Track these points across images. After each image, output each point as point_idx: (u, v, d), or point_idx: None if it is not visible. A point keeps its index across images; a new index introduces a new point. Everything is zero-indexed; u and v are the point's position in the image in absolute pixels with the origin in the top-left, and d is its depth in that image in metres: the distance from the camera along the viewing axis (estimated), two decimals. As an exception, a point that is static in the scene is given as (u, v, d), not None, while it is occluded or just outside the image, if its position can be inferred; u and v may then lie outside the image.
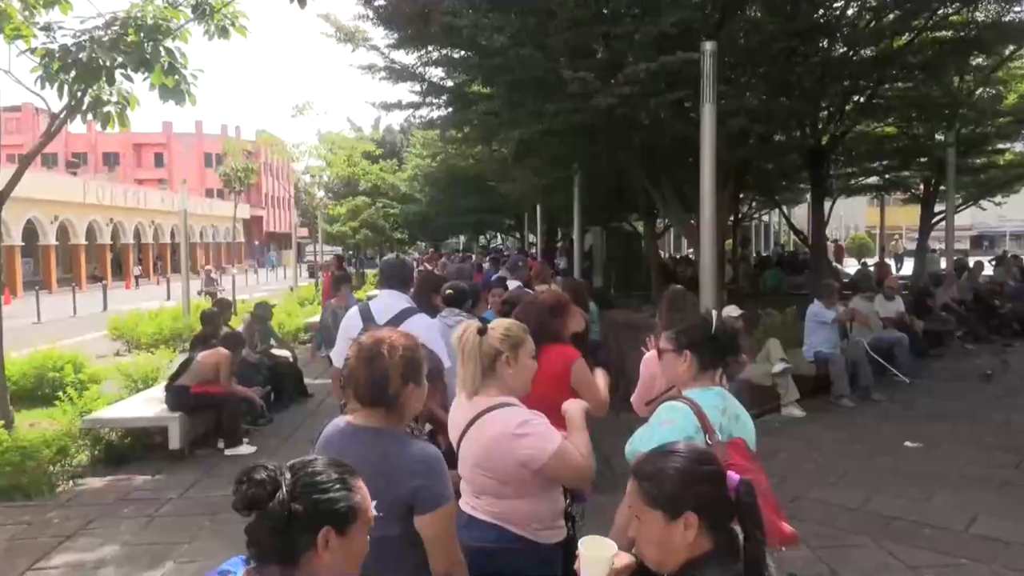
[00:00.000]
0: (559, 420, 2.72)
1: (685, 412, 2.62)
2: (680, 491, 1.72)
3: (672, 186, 11.49)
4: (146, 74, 6.29)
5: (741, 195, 21.41)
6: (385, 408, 2.23)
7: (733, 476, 1.78)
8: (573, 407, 2.73)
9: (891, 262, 26.73)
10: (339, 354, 4.29)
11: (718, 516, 1.75)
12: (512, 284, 7.38)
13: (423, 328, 3.99)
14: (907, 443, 7.07)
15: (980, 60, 13.89)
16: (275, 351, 10.24)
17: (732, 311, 8.32)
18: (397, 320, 4.09)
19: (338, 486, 1.61)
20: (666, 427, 2.58)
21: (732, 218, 26.96)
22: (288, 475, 1.59)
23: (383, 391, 2.21)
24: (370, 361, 2.22)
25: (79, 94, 6.47)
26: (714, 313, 2.97)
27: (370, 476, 1.75)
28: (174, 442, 7.24)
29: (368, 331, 2.49)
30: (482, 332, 2.68)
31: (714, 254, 7.47)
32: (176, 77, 6.33)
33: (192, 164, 68.64)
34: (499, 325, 2.77)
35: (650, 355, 3.90)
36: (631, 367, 9.10)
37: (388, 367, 2.21)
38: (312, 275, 36.72)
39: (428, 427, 3.33)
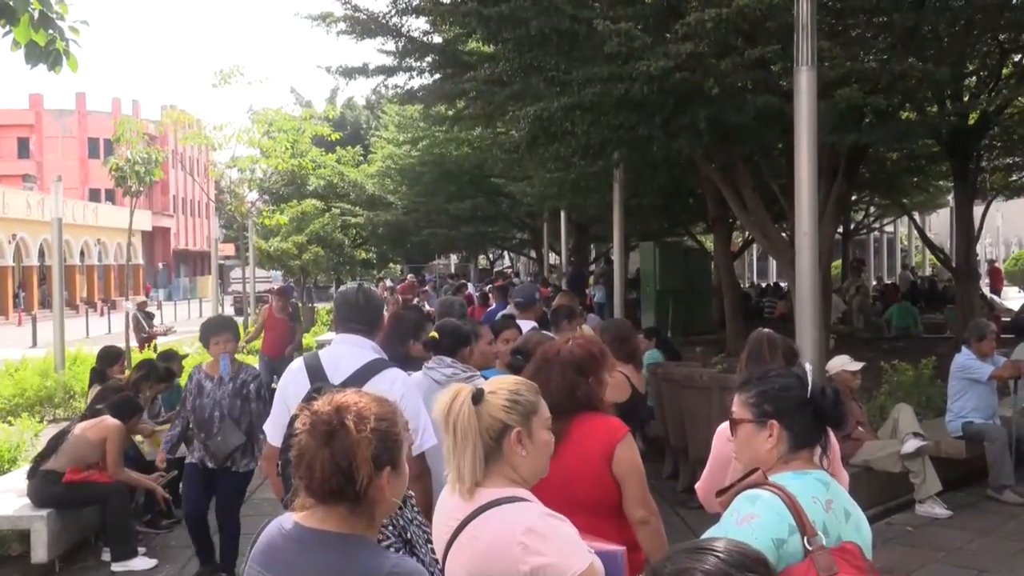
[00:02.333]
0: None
1: (773, 504, 2.60)
2: None
3: (754, 184, 11.53)
4: (6, 28, 6.40)
5: (854, 197, 21.52)
6: (349, 504, 2.23)
7: None
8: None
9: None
10: (275, 427, 4.30)
11: None
12: (525, 325, 7.39)
13: (397, 389, 3.99)
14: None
15: None
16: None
17: (843, 364, 8.31)
18: (359, 377, 4.09)
19: None
20: (746, 525, 2.57)
21: (841, 230, 27.20)
22: None
23: (347, 481, 2.20)
24: (328, 437, 2.21)
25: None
26: (808, 367, 2.97)
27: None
28: (39, 552, 7.23)
29: (319, 393, 2.50)
30: (478, 399, 2.70)
31: (816, 281, 7.48)
32: (50, 32, 6.44)
33: (70, 153, 69.52)
34: (502, 386, 2.78)
35: (724, 428, 3.89)
36: (696, 443, 9.16)
37: (354, 446, 2.21)
38: (240, 311, 36.90)
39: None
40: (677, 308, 20.12)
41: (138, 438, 8.90)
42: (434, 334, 5.29)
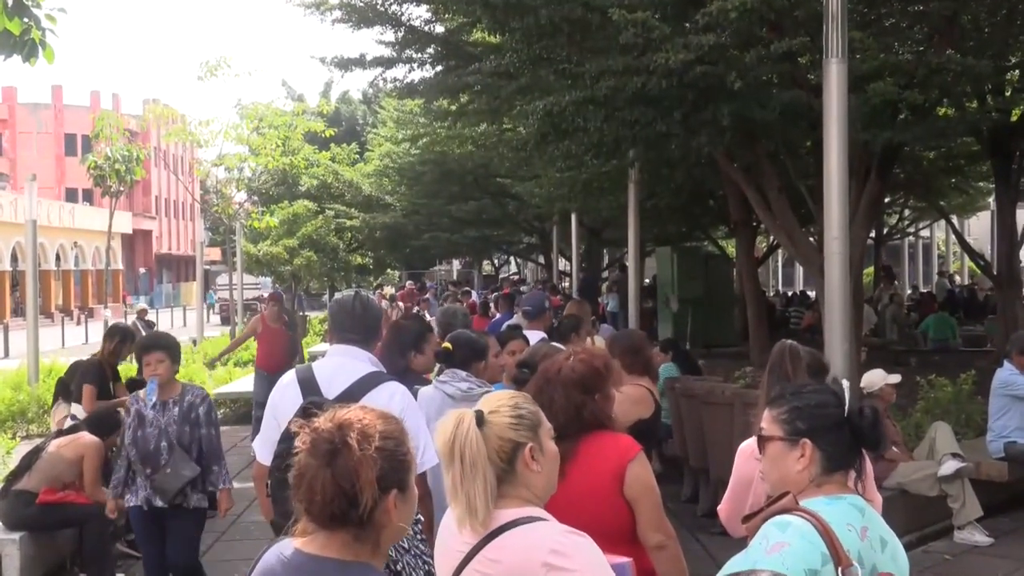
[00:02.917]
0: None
1: (805, 532, 2.60)
2: None
3: (780, 184, 11.52)
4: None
5: (887, 199, 21.47)
6: (353, 529, 2.23)
7: None
8: None
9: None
10: (264, 444, 4.30)
11: None
12: (532, 336, 7.39)
13: (396, 403, 4.00)
14: None
15: None
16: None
17: (876, 378, 8.29)
18: (355, 391, 4.10)
19: None
20: (776, 554, 2.56)
21: (873, 234, 27.13)
22: None
23: (350, 504, 2.20)
24: (330, 457, 2.21)
25: None
26: (845, 383, 2.96)
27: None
28: (10, 578, 7.22)
29: (313, 407, 2.49)
30: (480, 421, 2.70)
31: (846, 289, 7.46)
32: (25, 20, 6.45)
33: (46, 150, 69.72)
34: (501, 403, 2.79)
35: (747, 446, 3.88)
36: (717, 462, 9.13)
37: (357, 466, 2.20)
38: (226, 320, 36.93)
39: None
40: (696, 318, 20.10)
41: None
42: (447, 345, 5.29)
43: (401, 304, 25.66)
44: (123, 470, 6.28)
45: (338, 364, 4.33)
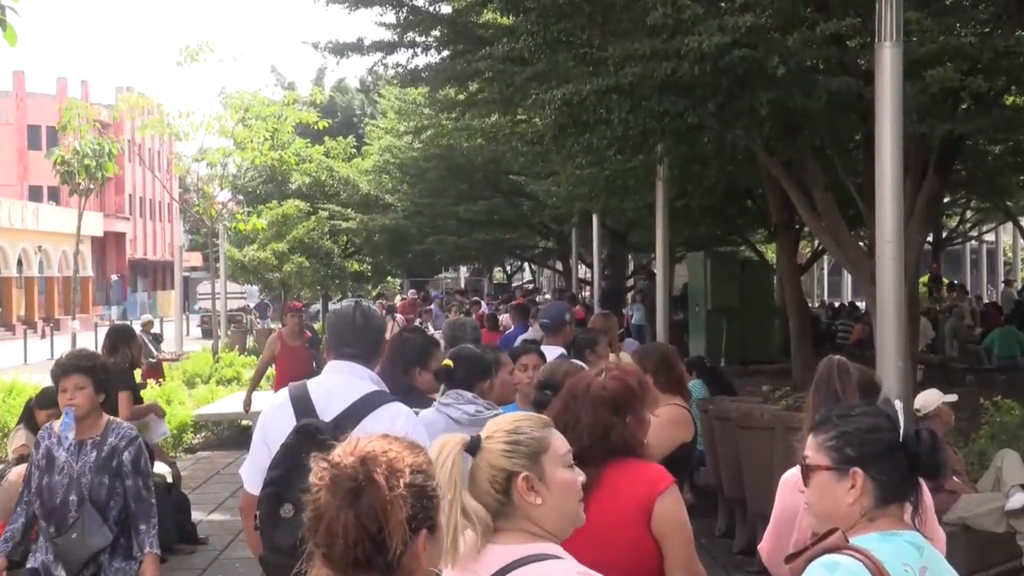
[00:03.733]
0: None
1: (856, 573, 2.59)
2: None
3: (826, 182, 11.51)
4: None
5: (947, 199, 21.37)
6: None
7: None
8: None
9: None
10: (253, 472, 4.30)
11: None
12: (550, 352, 7.37)
13: (400, 426, 3.99)
14: None
15: None
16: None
17: (932, 398, 8.26)
18: (355, 413, 4.11)
19: None
20: (823, 599, 2.56)
21: (931, 238, 27.06)
22: None
23: (377, 549, 2.18)
24: (354, 496, 2.19)
25: None
26: (899, 404, 2.95)
27: None
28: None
29: (310, 431, 2.49)
30: (474, 448, 2.71)
31: (901, 299, 7.44)
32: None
33: (7, 144, 69.97)
34: (498, 427, 2.79)
35: (791, 476, 3.87)
36: (755, 493, 9.08)
37: (386, 506, 2.19)
38: (208, 333, 36.98)
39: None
40: (732, 331, 20.08)
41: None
42: (448, 362, 5.28)
43: (400, 317, 25.64)
44: (20, 520, 5.53)
45: (336, 382, 4.34)
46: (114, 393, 8.59)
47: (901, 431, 2.80)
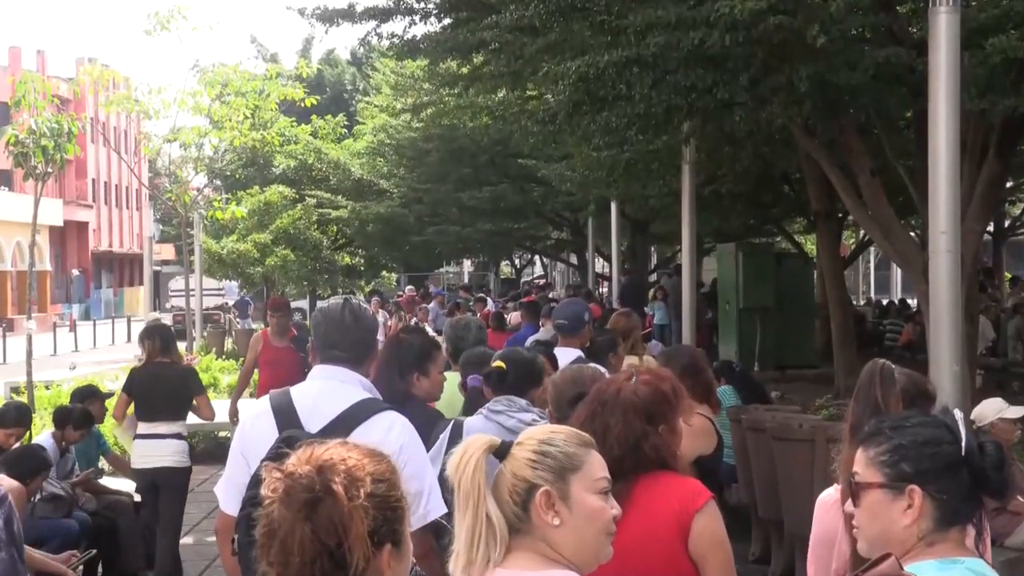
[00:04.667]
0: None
1: (909, 607, 2.58)
2: None
3: (874, 166, 11.48)
4: None
5: (1009, 183, 21.23)
6: None
7: None
8: None
9: None
10: (230, 490, 4.29)
11: None
12: (565, 355, 7.36)
13: (394, 438, 4.02)
14: None
15: None
16: (106, 481, 10.27)
17: (989, 410, 8.22)
18: (344, 422, 4.10)
19: None
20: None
21: (992, 228, 26.93)
22: None
23: (337, 566, 2.20)
24: (310, 508, 2.21)
25: None
26: (958, 414, 2.93)
27: None
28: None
29: (289, 445, 2.49)
30: (503, 452, 2.74)
31: (957, 296, 7.43)
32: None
33: (-42, 124, 69.98)
34: (532, 435, 2.82)
35: (827, 495, 3.86)
36: (794, 514, 9.05)
37: (345, 518, 2.21)
38: (182, 335, 36.95)
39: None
40: (767, 333, 20.02)
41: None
42: (500, 363, 5.26)
43: (394, 314, 25.61)
44: None
45: (323, 389, 4.35)
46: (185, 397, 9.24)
47: (963, 444, 2.78)
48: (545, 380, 5.38)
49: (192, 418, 10.15)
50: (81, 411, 10.02)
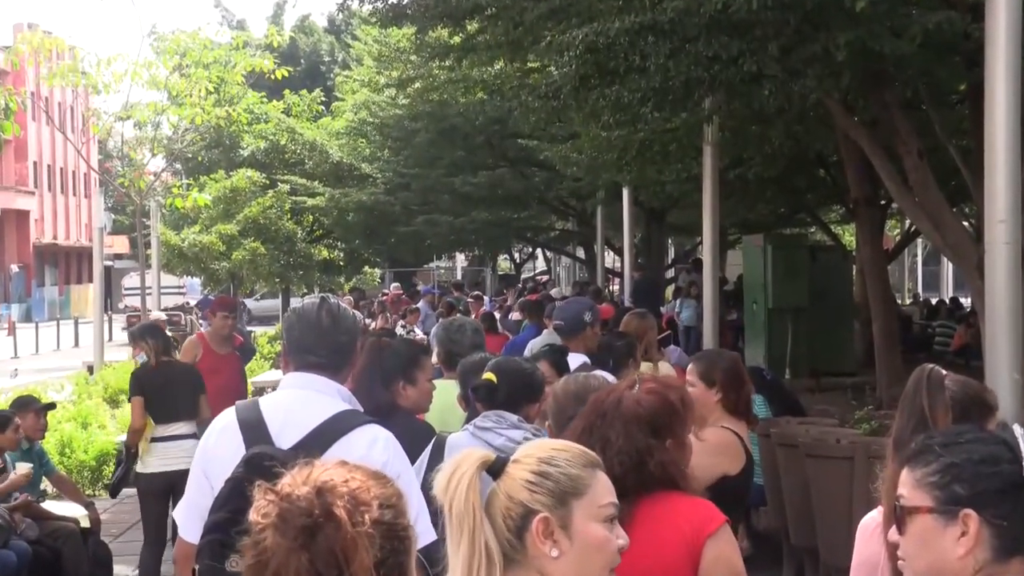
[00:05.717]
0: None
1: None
2: None
3: (921, 146, 11.48)
4: None
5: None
6: None
7: None
8: None
9: None
10: (191, 514, 4.30)
11: None
12: (573, 360, 7.38)
13: (377, 455, 4.02)
14: None
15: None
16: (49, 505, 10.24)
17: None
18: (320, 438, 4.12)
19: None
20: None
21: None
22: None
23: None
24: (308, 536, 2.21)
25: None
26: (1018, 430, 2.92)
27: None
28: None
29: (263, 462, 2.48)
30: (497, 470, 2.74)
31: (1017, 295, 7.41)
32: None
33: None
34: (531, 452, 2.82)
35: (869, 520, 3.85)
36: (830, 541, 9.04)
37: (349, 547, 2.20)
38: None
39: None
40: (800, 336, 20.05)
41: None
42: (490, 375, 5.22)
43: (392, 316, 25.52)
44: None
45: (296, 399, 4.35)
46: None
47: (1024, 463, 2.76)
48: (547, 391, 5.34)
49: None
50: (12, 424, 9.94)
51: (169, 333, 13.32)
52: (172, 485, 9.23)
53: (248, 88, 28.60)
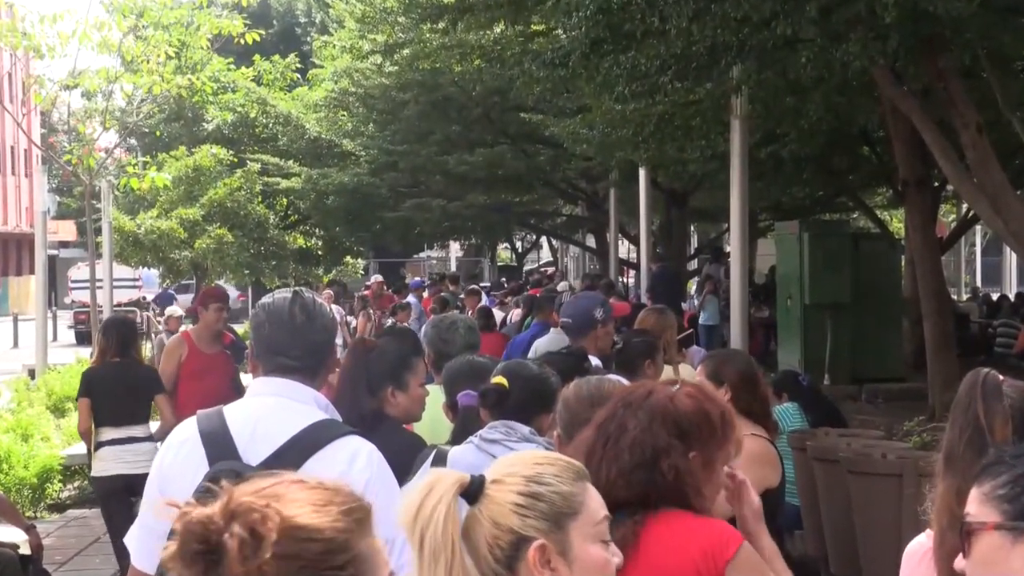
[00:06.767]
0: None
1: None
2: None
3: (980, 121, 11.48)
4: None
5: None
6: None
7: None
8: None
9: None
10: (146, 540, 4.27)
11: None
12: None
13: (358, 471, 4.03)
14: None
15: None
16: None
17: None
18: (294, 451, 4.09)
19: None
20: None
21: None
22: None
23: None
24: (206, 568, 2.16)
25: None
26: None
27: None
28: None
29: (226, 477, 2.48)
30: (474, 493, 2.71)
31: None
32: None
33: None
34: (513, 469, 2.80)
35: (918, 544, 3.84)
36: (875, 567, 9.03)
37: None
38: (85, 337, 36.97)
39: None
40: (841, 335, 20.06)
41: None
42: (501, 380, 5.19)
43: (376, 313, 25.49)
44: None
45: (266, 408, 4.33)
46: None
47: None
48: (558, 402, 5.30)
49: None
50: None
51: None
52: (132, 488, 9.40)
53: (213, 53, 28.65)
